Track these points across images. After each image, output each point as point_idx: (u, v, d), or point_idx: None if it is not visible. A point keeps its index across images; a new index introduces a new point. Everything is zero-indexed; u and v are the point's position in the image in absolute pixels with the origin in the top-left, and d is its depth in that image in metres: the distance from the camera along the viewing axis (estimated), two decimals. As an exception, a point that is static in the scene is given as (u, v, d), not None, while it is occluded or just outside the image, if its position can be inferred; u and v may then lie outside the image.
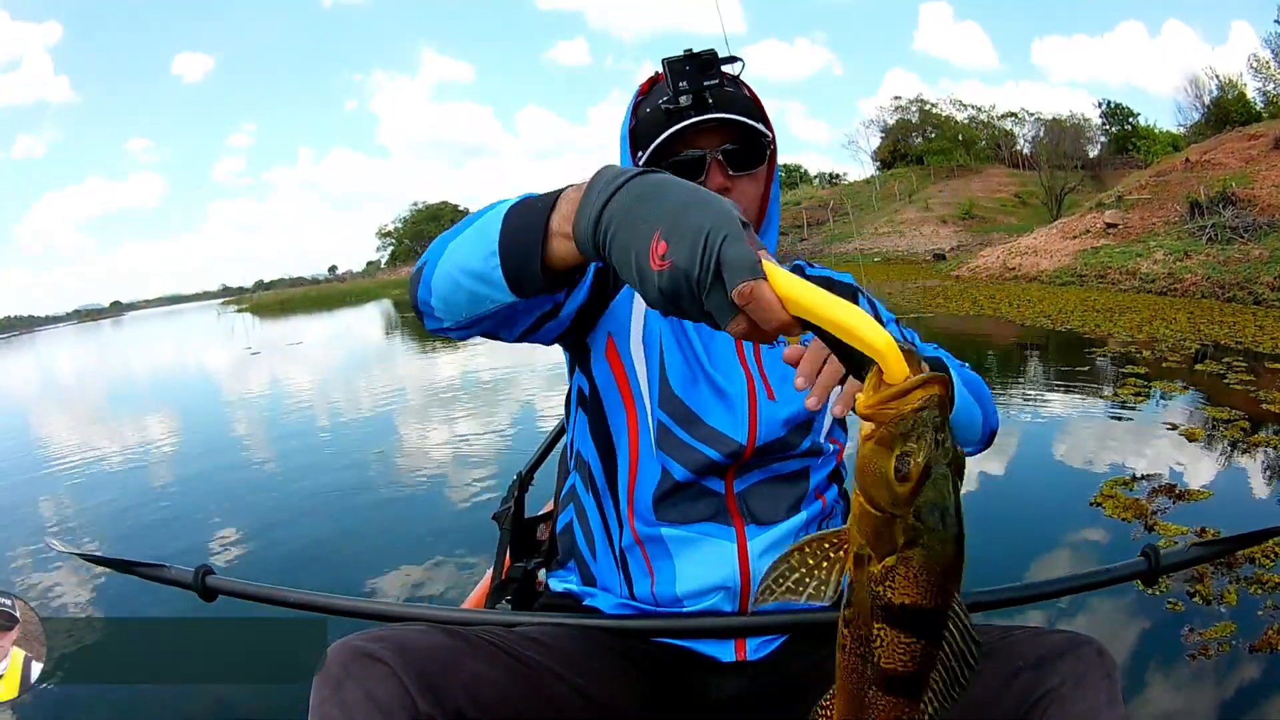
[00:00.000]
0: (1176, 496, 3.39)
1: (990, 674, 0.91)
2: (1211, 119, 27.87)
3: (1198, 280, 11.47)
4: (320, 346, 17.04)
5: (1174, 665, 2.32)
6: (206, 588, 1.17)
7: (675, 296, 0.59)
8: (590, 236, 0.67)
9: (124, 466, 6.07)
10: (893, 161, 42.00)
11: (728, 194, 1.11)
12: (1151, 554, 1.14)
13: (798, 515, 1.14)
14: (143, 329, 46.39)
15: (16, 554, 3.93)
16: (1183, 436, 4.41)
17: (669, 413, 1.10)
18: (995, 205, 31.07)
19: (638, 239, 0.61)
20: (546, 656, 0.98)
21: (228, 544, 3.77)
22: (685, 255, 0.58)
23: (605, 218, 0.65)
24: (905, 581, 0.55)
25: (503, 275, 0.78)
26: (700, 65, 1.10)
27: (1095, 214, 16.96)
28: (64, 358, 28.05)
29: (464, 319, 0.89)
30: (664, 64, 1.11)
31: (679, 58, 1.11)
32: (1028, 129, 39.84)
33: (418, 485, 4.58)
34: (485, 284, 0.81)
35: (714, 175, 1.12)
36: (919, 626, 0.57)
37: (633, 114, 1.18)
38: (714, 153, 1.12)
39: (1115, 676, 0.90)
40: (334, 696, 0.82)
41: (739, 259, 0.57)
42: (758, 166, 1.16)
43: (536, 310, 0.97)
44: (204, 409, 9.10)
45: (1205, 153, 17.67)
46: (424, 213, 68.51)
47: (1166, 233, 14.22)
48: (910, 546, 0.54)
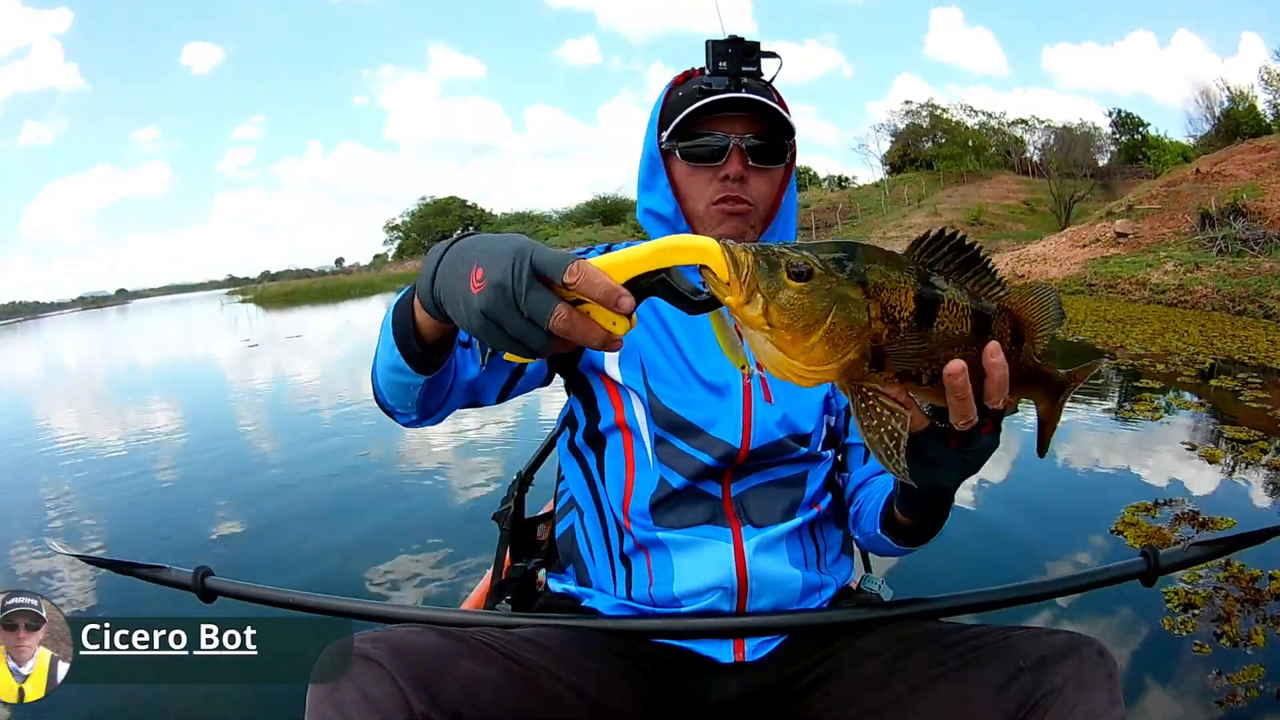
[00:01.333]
0: (1200, 524, 3.24)
1: (991, 674, 0.92)
2: (1222, 130, 27.80)
3: (1208, 292, 11.38)
4: (320, 339, 16.87)
5: (1175, 666, 2.31)
6: (206, 589, 1.18)
7: (494, 309, 0.63)
8: (429, 296, 0.73)
9: (112, 461, 6.04)
10: (902, 166, 41.98)
11: (743, 183, 1.14)
12: (1150, 554, 1.15)
13: (793, 519, 1.14)
14: (143, 317, 46.41)
15: (16, 555, 3.92)
16: (1203, 458, 4.25)
17: (663, 425, 1.10)
18: (1004, 212, 31.02)
19: (459, 279, 0.67)
20: (544, 657, 0.98)
21: (223, 544, 3.75)
22: (499, 270, 0.63)
23: (436, 276, 0.72)
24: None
25: (405, 360, 0.86)
26: (743, 50, 1.13)
27: (1105, 223, 16.87)
28: (64, 345, 27.99)
29: (413, 407, 0.96)
30: (707, 44, 1.13)
31: (723, 39, 1.13)
32: (1038, 136, 39.82)
33: (418, 485, 4.56)
34: (401, 372, 0.89)
35: (733, 162, 1.13)
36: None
37: (665, 97, 1.19)
38: (738, 139, 1.13)
39: (1116, 677, 0.90)
40: (330, 697, 0.83)
41: (554, 256, 0.63)
42: (777, 164, 1.17)
43: (495, 378, 1.05)
44: (195, 402, 9.02)
45: (1216, 164, 17.60)
46: (431, 207, 68.31)
47: (1177, 243, 14.13)
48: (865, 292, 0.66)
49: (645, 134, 1.21)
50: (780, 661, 1.11)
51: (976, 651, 0.95)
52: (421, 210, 69.11)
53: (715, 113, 1.12)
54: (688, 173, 1.16)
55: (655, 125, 1.19)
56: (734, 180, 1.13)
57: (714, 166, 1.14)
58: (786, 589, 1.11)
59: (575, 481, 1.21)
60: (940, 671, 0.95)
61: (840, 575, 1.22)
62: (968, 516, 3.51)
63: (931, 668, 0.96)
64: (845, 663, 1.05)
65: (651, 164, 1.20)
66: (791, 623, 1.09)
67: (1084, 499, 3.84)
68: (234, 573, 1.19)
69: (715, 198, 1.14)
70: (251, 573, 3.19)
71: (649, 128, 1.20)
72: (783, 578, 1.11)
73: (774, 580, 1.11)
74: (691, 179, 1.16)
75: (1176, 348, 7.53)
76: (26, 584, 3.43)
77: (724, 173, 1.13)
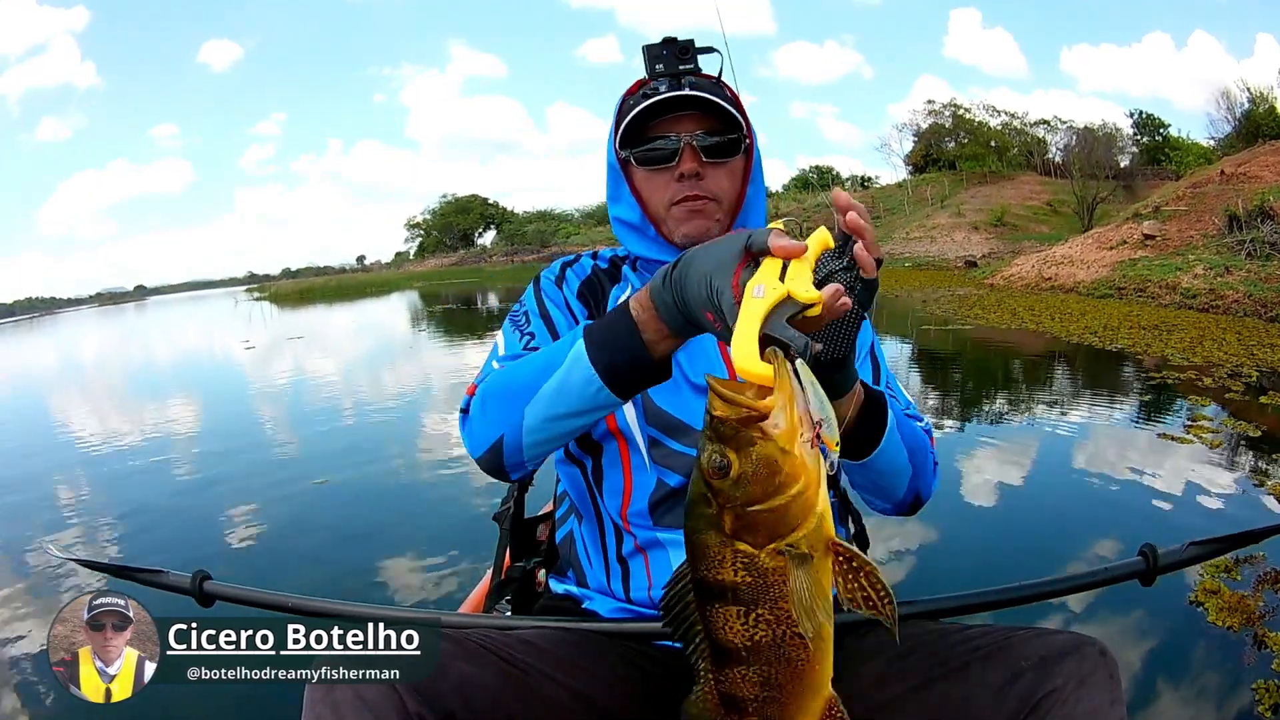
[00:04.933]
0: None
1: (993, 674, 0.92)
2: (1243, 132, 27.49)
3: (1239, 297, 11.21)
4: (320, 343, 16.11)
5: (1176, 666, 2.29)
6: (204, 593, 1.19)
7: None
8: (670, 303, 0.82)
9: (95, 461, 6.00)
10: (925, 166, 41.57)
11: (700, 180, 1.14)
12: (1149, 553, 1.15)
13: None
14: (156, 314, 45.92)
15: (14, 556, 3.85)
16: (1272, 495, 3.71)
17: (657, 426, 1.12)
18: (1027, 213, 30.69)
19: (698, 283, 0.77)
20: (541, 660, 0.98)
21: (222, 542, 3.73)
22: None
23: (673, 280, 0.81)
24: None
25: (611, 392, 0.90)
26: (678, 49, 1.14)
27: (1132, 225, 16.67)
28: (61, 344, 27.66)
29: (549, 454, 1.04)
30: (643, 50, 1.15)
31: (657, 44, 1.14)
32: (1060, 137, 39.44)
33: (416, 485, 4.54)
34: (589, 413, 0.94)
35: (686, 160, 1.14)
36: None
37: (619, 107, 1.20)
38: (687, 138, 1.14)
39: (1118, 677, 0.90)
40: (325, 698, 0.85)
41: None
42: (732, 157, 1.17)
43: None
44: (174, 407, 8.73)
45: (1240, 165, 17.38)
46: (453, 205, 68.63)
47: (1205, 246, 13.96)
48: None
49: (607, 147, 1.22)
50: (781, 663, 1.12)
51: (978, 652, 0.95)
52: (443, 208, 69.46)
53: (663, 115, 1.13)
54: (646, 177, 1.18)
55: (613, 136, 1.20)
56: (690, 178, 1.14)
57: (669, 168, 1.15)
58: None
59: (573, 487, 1.21)
60: (941, 672, 0.96)
61: None
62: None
63: (932, 668, 0.97)
64: (845, 663, 1.03)
65: (614, 175, 1.21)
66: None
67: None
68: (231, 575, 1.20)
69: (675, 198, 1.15)
70: (251, 573, 3.24)
71: (609, 139, 1.21)
72: None
73: None
74: (650, 183, 1.17)
75: (1218, 358, 7.19)
76: (35, 587, 3.43)
77: (679, 172, 1.14)
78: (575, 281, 1.26)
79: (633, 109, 1.14)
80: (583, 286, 1.26)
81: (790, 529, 0.66)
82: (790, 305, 0.70)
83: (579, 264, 1.30)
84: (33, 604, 3.25)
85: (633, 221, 1.21)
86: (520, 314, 1.21)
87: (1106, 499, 3.85)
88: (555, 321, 1.19)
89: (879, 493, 1.11)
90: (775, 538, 0.66)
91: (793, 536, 0.66)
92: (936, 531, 3.40)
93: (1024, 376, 7.46)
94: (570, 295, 1.25)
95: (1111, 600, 2.66)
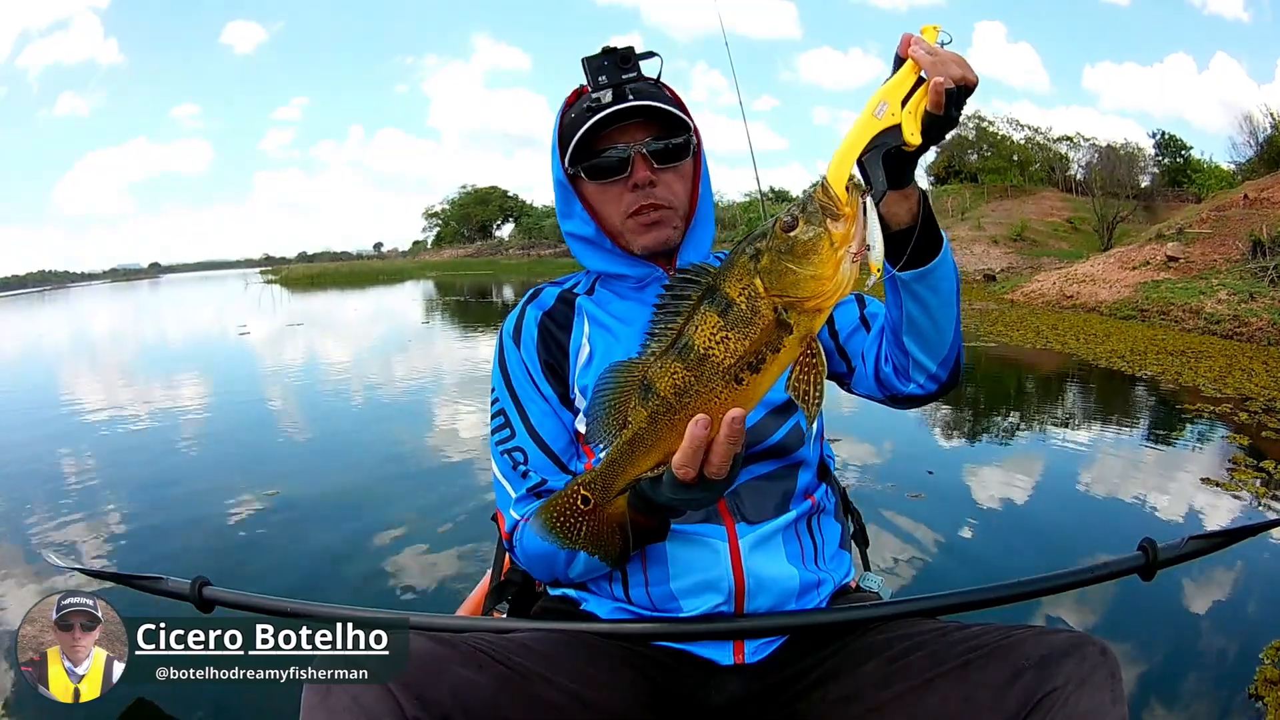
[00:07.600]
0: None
1: (994, 673, 0.92)
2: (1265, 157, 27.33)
3: (1264, 325, 11.01)
4: (321, 331, 15.59)
5: (1177, 666, 2.28)
6: (203, 599, 1.20)
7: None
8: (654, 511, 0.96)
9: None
10: (946, 177, 41.22)
11: (653, 187, 1.14)
12: (1149, 548, 1.16)
13: (787, 513, 1.15)
14: (166, 292, 45.24)
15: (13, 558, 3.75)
16: None
17: None
18: (1047, 229, 30.41)
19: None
20: (538, 663, 0.99)
21: (217, 541, 3.69)
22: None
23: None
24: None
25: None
26: (619, 58, 1.13)
27: (1155, 245, 16.47)
28: (61, 318, 27.32)
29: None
30: (583, 62, 1.14)
31: (597, 54, 1.14)
32: (1082, 154, 39.19)
33: (414, 485, 4.49)
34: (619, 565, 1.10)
35: (639, 169, 1.14)
36: None
37: (560, 122, 1.19)
38: (637, 147, 1.14)
39: (1119, 676, 0.90)
40: (322, 703, 0.85)
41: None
42: (683, 160, 1.18)
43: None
44: (158, 392, 8.34)
45: (1263, 190, 17.12)
46: (472, 196, 68.64)
47: (1229, 271, 13.79)
48: None
49: (551, 162, 1.21)
50: (780, 662, 1.11)
51: (978, 650, 0.95)
52: (462, 198, 69.55)
53: (609, 126, 1.13)
54: (598, 190, 1.17)
55: (556, 151, 1.19)
56: (644, 187, 1.14)
57: (621, 179, 1.14)
58: (783, 586, 1.11)
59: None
60: (942, 670, 0.95)
61: (838, 572, 1.21)
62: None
63: (933, 667, 0.96)
64: (846, 662, 1.05)
65: (563, 191, 1.21)
66: (792, 623, 1.09)
67: (1217, 643, 2.52)
68: (229, 577, 1.15)
69: (630, 209, 1.15)
70: (249, 574, 3.20)
71: (553, 155, 1.20)
72: (779, 575, 1.11)
73: (771, 578, 1.11)
74: (603, 195, 1.17)
75: (1250, 390, 6.83)
76: (38, 593, 3.28)
77: (632, 182, 1.14)
78: (533, 326, 1.25)
79: (577, 123, 1.13)
80: (543, 327, 1.25)
81: (796, 298, 0.81)
82: (894, 137, 0.84)
83: (540, 297, 1.29)
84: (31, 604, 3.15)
85: (588, 235, 1.21)
86: (499, 417, 1.21)
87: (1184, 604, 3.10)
88: (527, 409, 1.20)
89: (930, 339, 1.07)
90: (781, 295, 0.81)
91: (792, 304, 0.81)
92: (939, 534, 3.40)
93: (1053, 400, 7.28)
94: (529, 348, 1.24)
95: (1112, 599, 2.65)
